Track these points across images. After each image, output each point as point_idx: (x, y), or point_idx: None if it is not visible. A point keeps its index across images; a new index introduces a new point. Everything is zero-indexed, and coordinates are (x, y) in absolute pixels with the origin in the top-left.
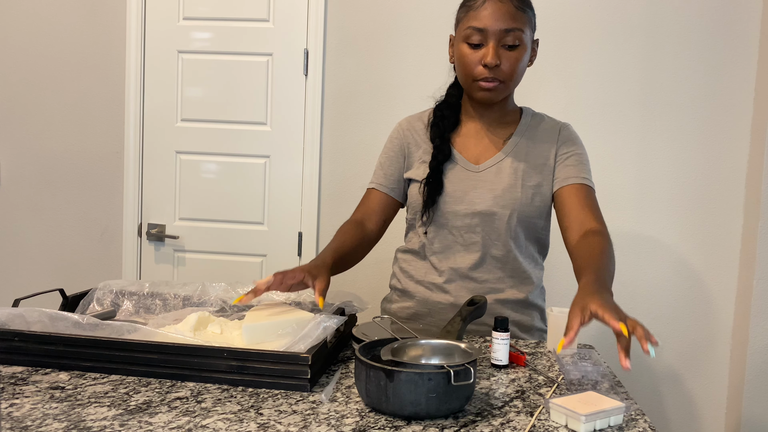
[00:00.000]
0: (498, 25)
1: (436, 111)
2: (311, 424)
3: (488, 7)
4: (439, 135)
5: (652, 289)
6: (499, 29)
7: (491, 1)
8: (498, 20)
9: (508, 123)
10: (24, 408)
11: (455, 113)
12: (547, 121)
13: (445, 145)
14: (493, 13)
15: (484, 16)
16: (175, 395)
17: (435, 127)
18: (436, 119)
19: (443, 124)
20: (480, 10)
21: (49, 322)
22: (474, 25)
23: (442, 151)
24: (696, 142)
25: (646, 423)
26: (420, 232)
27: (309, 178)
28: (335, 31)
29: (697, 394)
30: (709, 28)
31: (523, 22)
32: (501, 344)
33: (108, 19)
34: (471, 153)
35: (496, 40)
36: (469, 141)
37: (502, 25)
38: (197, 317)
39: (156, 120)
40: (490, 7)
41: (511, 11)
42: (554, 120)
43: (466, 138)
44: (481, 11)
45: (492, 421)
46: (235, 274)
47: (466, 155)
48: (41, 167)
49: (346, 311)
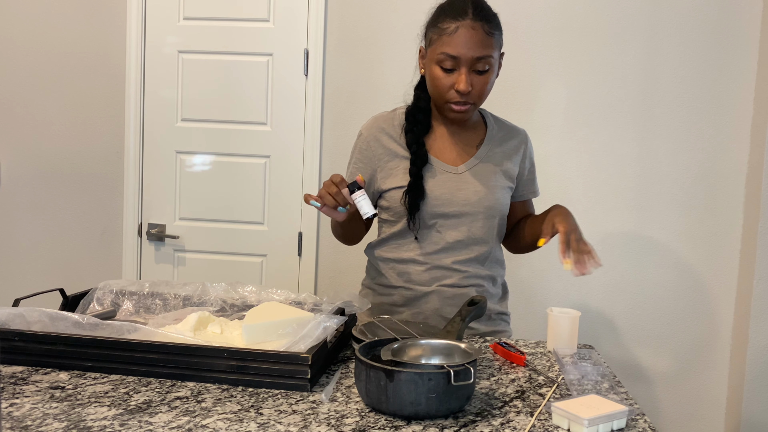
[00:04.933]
0: (471, 54)
1: (409, 116)
2: (311, 424)
3: (462, 35)
4: (414, 141)
5: (652, 289)
6: (472, 57)
7: (464, 29)
8: (471, 48)
9: (476, 127)
10: (24, 408)
11: (427, 117)
12: (510, 128)
13: (422, 149)
14: (466, 41)
15: (458, 43)
16: (175, 395)
17: (410, 133)
18: (410, 125)
19: (418, 129)
20: (453, 37)
21: (49, 321)
22: (447, 51)
23: (419, 156)
24: (696, 142)
25: (646, 423)
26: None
27: (309, 178)
28: (335, 31)
29: (697, 394)
30: (709, 28)
31: (492, 47)
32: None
33: (108, 19)
34: (447, 157)
35: (468, 66)
36: (443, 145)
37: (474, 54)
38: (197, 317)
39: (156, 120)
40: (464, 35)
41: (482, 38)
42: (515, 127)
43: (440, 142)
44: (455, 38)
45: (492, 421)
46: (235, 274)
47: (443, 159)
48: (41, 167)
49: (346, 311)
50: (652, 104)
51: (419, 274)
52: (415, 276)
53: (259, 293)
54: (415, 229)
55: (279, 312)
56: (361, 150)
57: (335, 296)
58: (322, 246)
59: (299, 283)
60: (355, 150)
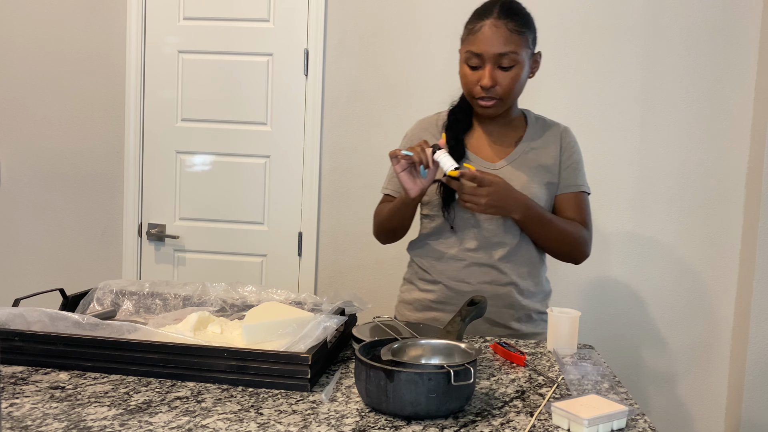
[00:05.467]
0: (493, 50)
1: (450, 115)
2: (311, 424)
3: (485, 32)
4: (453, 137)
5: (652, 289)
6: (494, 53)
7: (488, 27)
8: (493, 45)
9: (516, 127)
10: (24, 408)
11: (468, 117)
12: (550, 125)
13: (460, 145)
14: (489, 38)
15: (481, 41)
16: (175, 395)
17: (449, 130)
18: (450, 122)
19: (457, 126)
20: (478, 35)
21: (49, 321)
22: (472, 49)
23: (457, 151)
24: (696, 142)
25: (646, 423)
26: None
27: (309, 178)
28: (335, 31)
29: (697, 394)
30: (710, 29)
31: (518, 44)
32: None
33: (108, 19)
34: (485, 154)
35: (492, 63)
36: (481, 143)
37: (496, 50)
38: (197, 317)
39: (156, 120)
40: (487, 32)
41: (505, 35)
42: (555, 123)
43: (479, 140)
44: (479, 36)
45: (492, 421)
46: (235, 274)
47: (480, 155)
48: (41, 167)
49: (346, 311)
50: (652, 104)
51: (458, 272)
52: (454, 273)
53: (259, 293)
54: (450, 219)
55: (279, 312)
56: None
57: (335, 296)
58: (322, 246)
59: (299, 283)
60: (401, 147)
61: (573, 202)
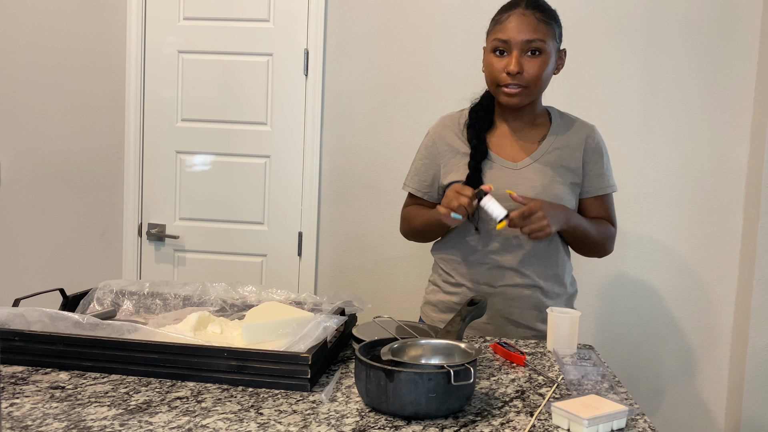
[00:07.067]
0: (520, 36)
1: (472, 113)
2: (311, 424)
3: (512, 20)
4: (475, 136)
5: (652, 289)
6: (522, 40)
7: (515, 15)
8: (521, 32)
9: (539, 125)
10: (24, 408)
11: (489, 115)
12: (575, 122)
13: (482, 144)
14: (517, 25)
15: (509, 28)
16: (175, 395)
17: (471, 129)
18: (471, 121)
19: (479, 125)
20: (505, 24)
21: (49, 321)
22: (499, 36)
23: (479, 150)
24: (696, 143)
25: (646, 423)
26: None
27: (309, 178)
28: (335, 31)
29: (697, 394)
30: (710, 28)
31: (545, 33)
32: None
33: (108, 19)
34: (507, 153)
35: (519, 49)
36: (504, 141)
37: (524, 36)
38: (197, 317)
39: (156, 120)
40: (514, 20)
41: (533, 23)
42: (582, 122)
43: (501, 139)
44: (506, 24)
45: (492, 421)
46: (235, 274)
47: (502, 155)
48: (41, 167)
49: (346, 311)
50: (652, 104)
51: (481, 274)
52: (477, 276)
53: (259, 293)
54: (475, 221)
55: (279, 312)
56: (427, 147)
57: (335, 296)
58: (322, 246)
59: (299, 283)
60: (421, 147)
61: (602, 202)
